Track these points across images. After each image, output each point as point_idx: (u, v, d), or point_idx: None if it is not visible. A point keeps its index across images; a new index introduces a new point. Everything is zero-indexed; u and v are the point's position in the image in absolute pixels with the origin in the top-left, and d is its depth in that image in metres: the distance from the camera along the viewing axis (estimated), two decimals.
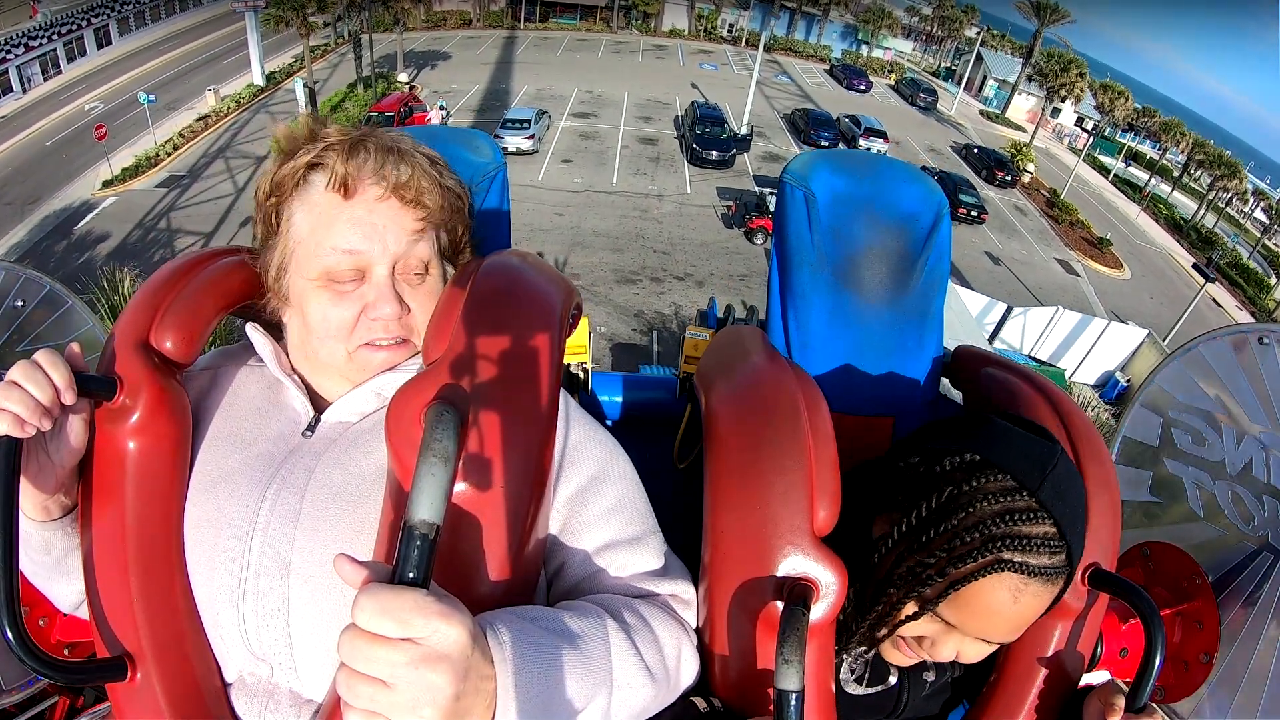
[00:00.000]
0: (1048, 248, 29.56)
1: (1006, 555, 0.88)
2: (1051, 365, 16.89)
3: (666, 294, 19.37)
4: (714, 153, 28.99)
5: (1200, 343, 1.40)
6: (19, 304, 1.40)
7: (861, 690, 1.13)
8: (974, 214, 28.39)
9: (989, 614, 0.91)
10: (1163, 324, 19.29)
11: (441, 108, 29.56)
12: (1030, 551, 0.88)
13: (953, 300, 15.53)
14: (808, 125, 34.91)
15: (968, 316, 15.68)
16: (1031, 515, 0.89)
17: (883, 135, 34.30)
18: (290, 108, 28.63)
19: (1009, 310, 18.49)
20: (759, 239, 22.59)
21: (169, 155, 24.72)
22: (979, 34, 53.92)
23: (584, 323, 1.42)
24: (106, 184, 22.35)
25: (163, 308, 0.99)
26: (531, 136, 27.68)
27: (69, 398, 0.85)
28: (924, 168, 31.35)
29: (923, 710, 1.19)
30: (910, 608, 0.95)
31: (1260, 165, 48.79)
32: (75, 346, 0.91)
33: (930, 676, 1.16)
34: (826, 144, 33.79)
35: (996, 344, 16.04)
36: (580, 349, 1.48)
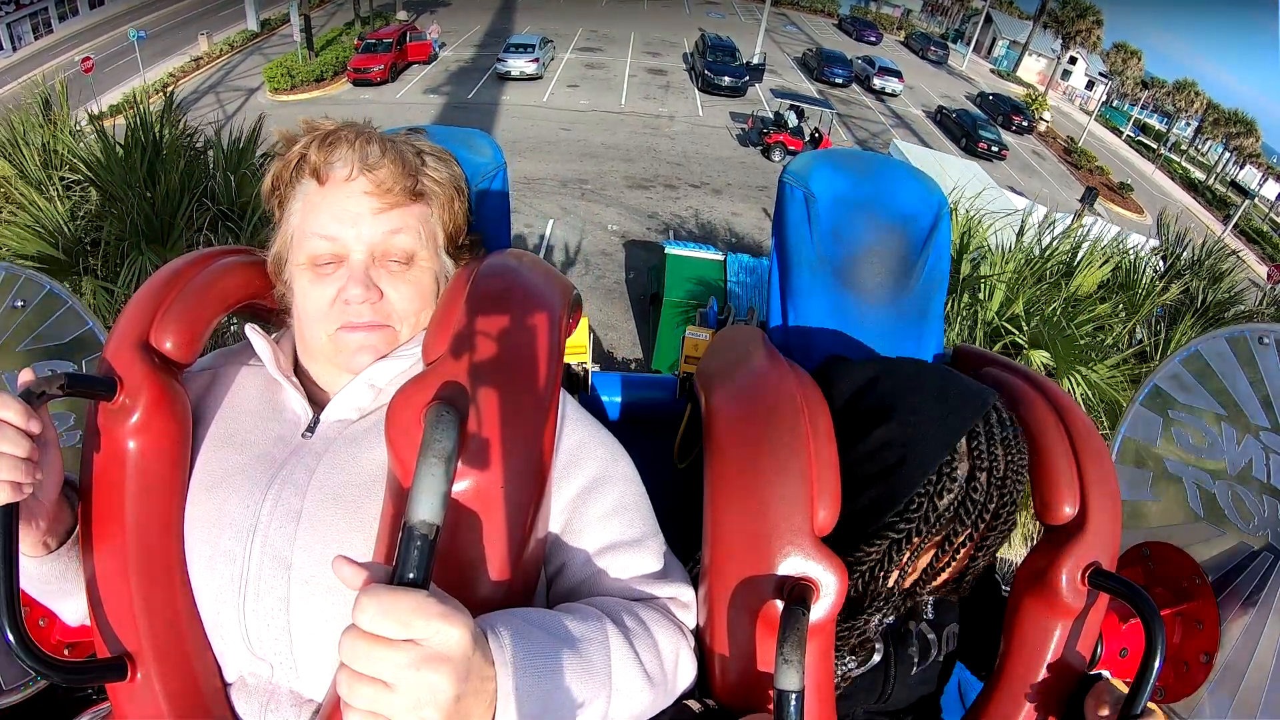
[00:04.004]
0: (1069, 190, 29.25)
1: (1018, 465, 0.97)
2: None
3: (682, 199, 19.06)
4: (726, 78, 28.46)
5: (1200, 343, 1.40)
6: (19, 304, 1.39)
7: (855, 670, 1.12)
8: (994, 149, 27.90)
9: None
10: None
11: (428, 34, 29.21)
12: (1014, 445, 0.97)
13: (996, 196, 15.17)
14: (820, 63, 34.08)
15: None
16: (989, 435, 0.96)
17: (898, 75, 33.63)
18: (285, 48, 28.11)
19: (1049, 214, 18.01)
20: (776, 155, 21.91)
21: (158, 93, 24.31)
22: (985, 2, 53.39)
23: (584, 322, 1.39)
24: (92, 120, 21.90)
25: (163, 308, 0.99)
26: (536, 60, 27.16)
27: (34, 427, 0.83)
28: (940, 108, 30.58)
29: (913, 694, 1.19)
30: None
31: (1267, 154, 48.27)
32: (28, 372, 0.89)
33: (915, 652, 1.16)
34: (840, 81, 33.25)
35: None
36: (580, 348, 1.45)
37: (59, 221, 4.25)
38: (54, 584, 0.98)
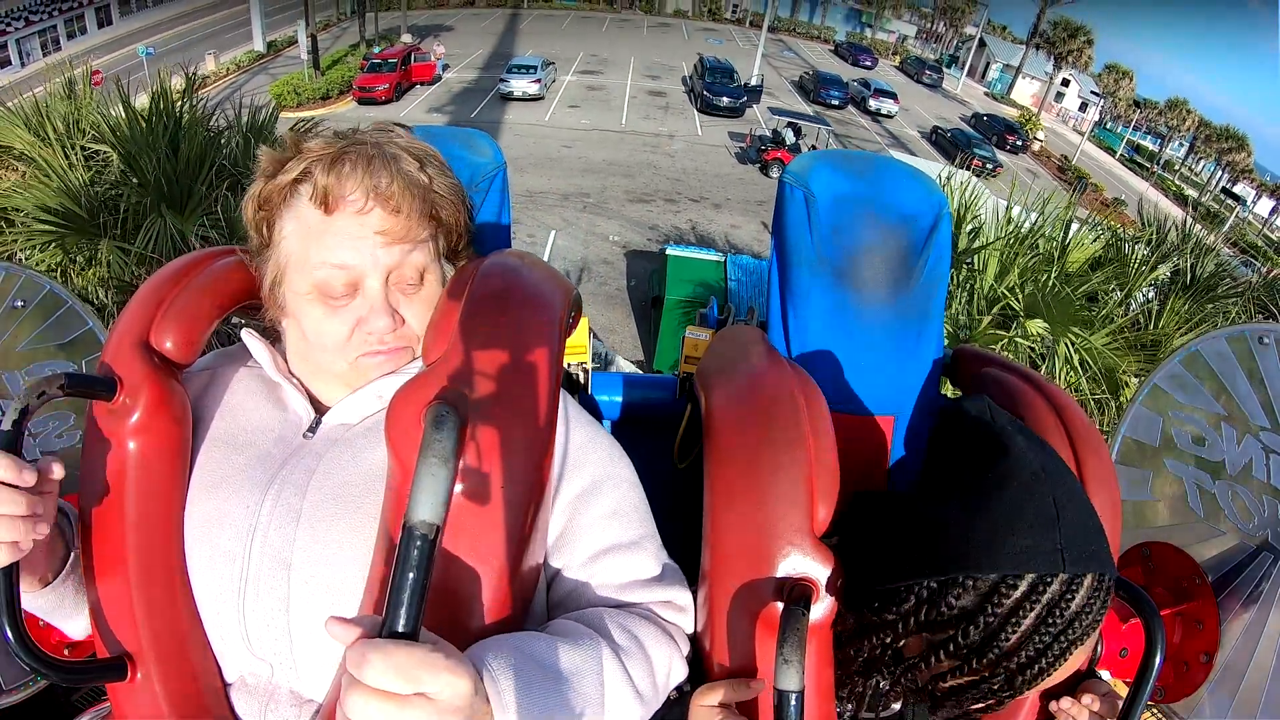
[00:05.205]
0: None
1: (1067, 643, 0.82)
2: None
3: (682, 212, 19.38)
4: (725, 99, 28.94)
5: (1200, 343, 1.41)
6: (19, 304, 1.40)
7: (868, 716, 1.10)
8: (988, 166, 28.28)
9: (1064, 672, 0.87)
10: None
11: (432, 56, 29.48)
12: (1085, 618, 0.82)
13: (985, 195, 15.58)
14: (817, 85, 34.71)
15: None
16: (1070, 590, 0.81)
17: (893, 96, 34.19)
18: (292, 68, 28.52)
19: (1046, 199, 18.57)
20: (774, 172, 22.22)
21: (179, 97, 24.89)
22: (979, 29, 54.27)
23: (584, 323, 1.39)
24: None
25: (163, 308, 0.98)
26: (538, 81, 27.57)
27: (29, 479, 0.81)
28: (935, 128, 31.03)
29: None
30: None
31: (1259, 173, 48.82)
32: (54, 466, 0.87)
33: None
34: (836, 103, 33.82)
35: None
36: (580, 349, 1.45)
37: (81, 184, 4.34)
38: (54, 612, 0.99)
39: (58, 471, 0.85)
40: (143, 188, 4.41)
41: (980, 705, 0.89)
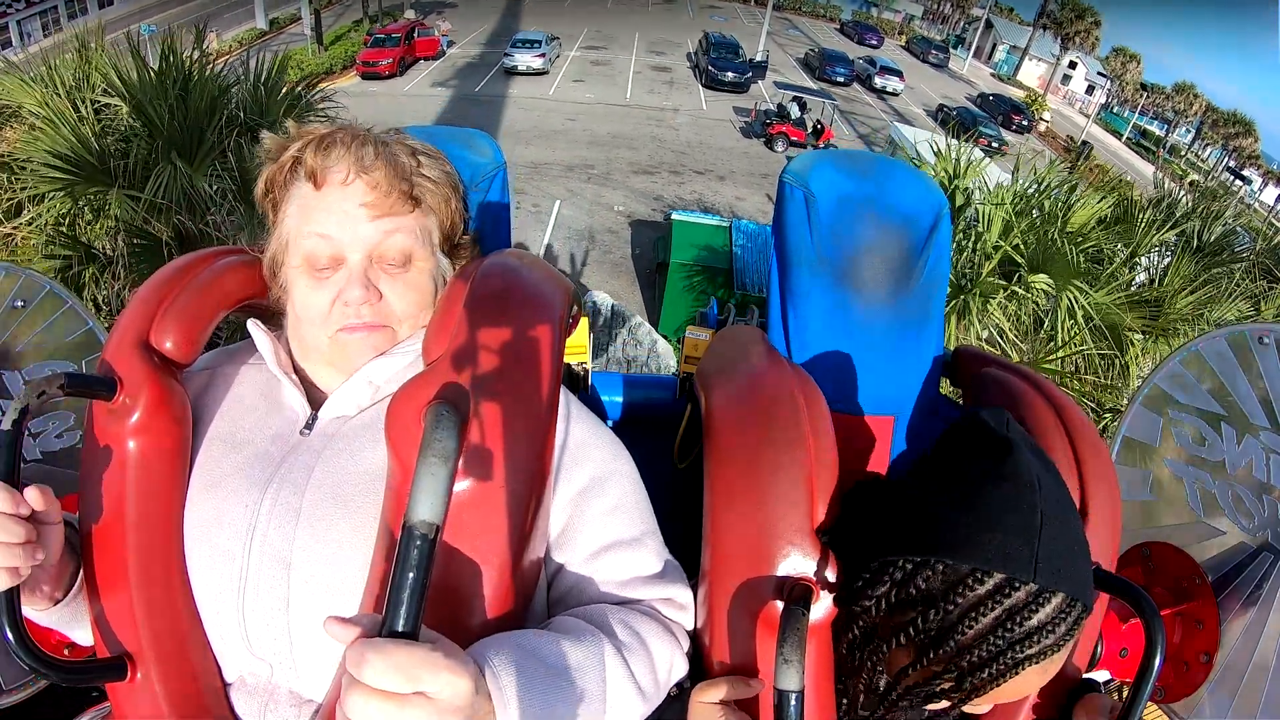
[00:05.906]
0: None
1: (1021, 655, 0.81)
2: None
3: (686, 184, 19.56)
4: (730, 74, 29.15)
5: (1200, 342, 1.41)
6: (19, 304, 1.40)
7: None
8: (994, 145, 28.13)
9: (1017, 691, 0.86)
10: None
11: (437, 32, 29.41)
12: (1045, 636, 0.81)
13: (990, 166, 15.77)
14: (822, 62, 34.53)
15: None
16: (1035, 602, 0.80)
17: (898, 74, 34.07)
18: (294, 46, 28.37)
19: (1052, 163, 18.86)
20: (779, 146, 22.34)
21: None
22: (985, 10, 53.75)
23: (584, 323, 1.39)
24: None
25: (162, 308, 0.99)
26: (543, 55, 27.64)
27: (25, 509, 0.82)
28: (941, 106, 30.82)
29: None
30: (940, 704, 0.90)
31: (1266, 161, 48.45)
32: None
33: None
34: (842, 80, 33.78)
35: None
36: (580, 349, 1.45)
37: (91, 134, 4.37)
38: (64, 625, 0.99)
39: (40, 503, 0.84)
40: (152, 136, 4.42)
41: (935, 708, 0.89)
